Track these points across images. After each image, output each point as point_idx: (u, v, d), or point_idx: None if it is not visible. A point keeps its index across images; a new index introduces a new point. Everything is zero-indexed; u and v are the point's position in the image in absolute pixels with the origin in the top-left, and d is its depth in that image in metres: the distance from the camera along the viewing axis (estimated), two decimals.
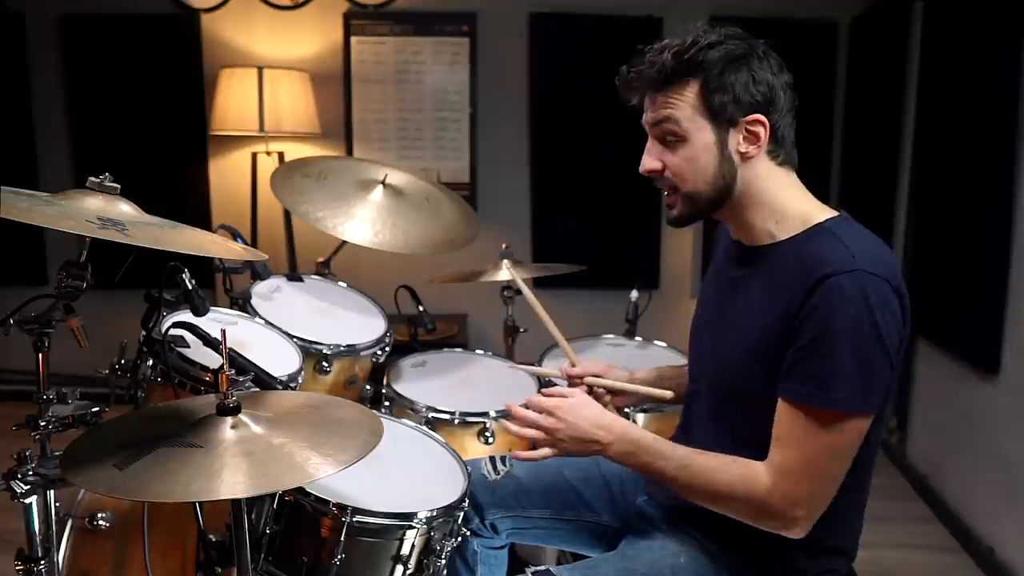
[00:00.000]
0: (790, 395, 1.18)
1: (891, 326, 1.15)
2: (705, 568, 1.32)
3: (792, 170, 1.28)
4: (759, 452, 1.22)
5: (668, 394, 1.44)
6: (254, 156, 3.72)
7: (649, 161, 1.28)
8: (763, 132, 1.22)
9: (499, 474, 1.56)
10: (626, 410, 1.98)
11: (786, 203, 1.27)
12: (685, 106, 1.22)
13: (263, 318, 1.93)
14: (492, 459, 1.60)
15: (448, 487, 1.44)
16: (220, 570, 1.31)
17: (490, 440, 1.93)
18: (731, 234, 1.36)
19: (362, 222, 2.13)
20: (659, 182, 1.29)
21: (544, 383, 2.11)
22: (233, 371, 1.19)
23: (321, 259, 2.37)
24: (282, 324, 1.92)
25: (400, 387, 2.03)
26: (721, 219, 1.34)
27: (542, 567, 1.33)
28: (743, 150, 1.23)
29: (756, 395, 1.24)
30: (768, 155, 1.25)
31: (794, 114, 1.26)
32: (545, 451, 1.31)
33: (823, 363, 1.14)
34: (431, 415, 1.92)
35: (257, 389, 1.45)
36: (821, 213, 1.26)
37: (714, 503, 1.25)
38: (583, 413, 1.30)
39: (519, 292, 2.47)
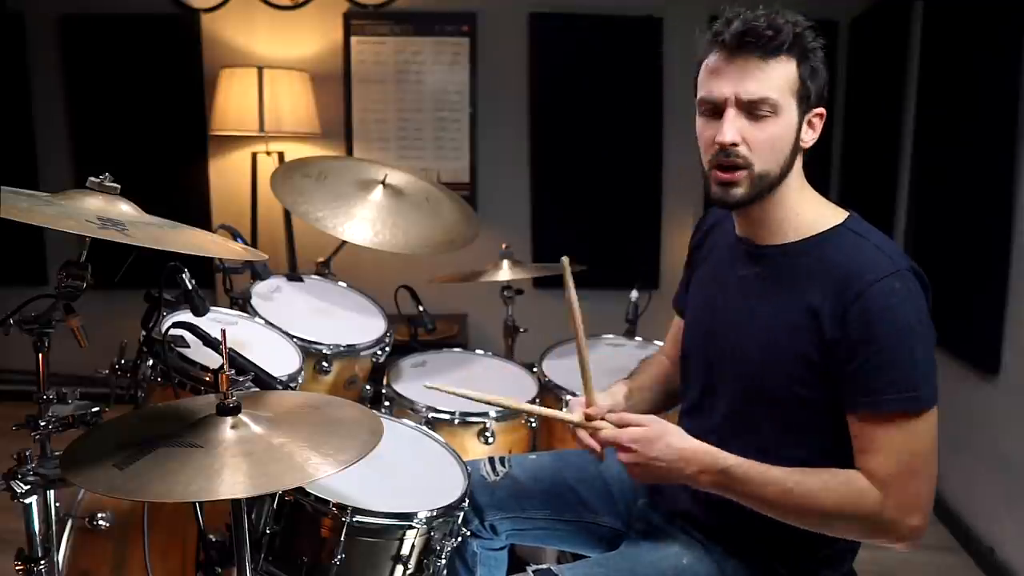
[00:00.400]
0: (874, 408, 1.16)
1: (930, 317, 1.18)
2: (709, 569, 1.31)
3: None
4: (785, 458, 1.21)
5: None
6: (254, 156, 3.71)
7: (732, 133, 1.18)
8: (820, 125, 1.24)
9: (498, 475, 1.56)
10: None
11: (807, 201, 1.28)
12: (785, 81, 1.18)
13: (263, 318, 1.93)
14: (491, 460, 1.59)
15: (448, 487, 1.44)
16: (220, 570, 1.31)
17: (490, 440, 1.93)
18: (737, 230, 1.34)
19: (362, 222, 2.13)
20: (727, 156, 1.20)
21: (546, 387, 2.11)
22: (233, 371, 1.19)
23: (321, 259, 2.37)
24: (282, 324, 1.92)
25: (400, 387, 2.03)
26: (742, 210, 1.28)
27: (543, 566, 1.33)
28: (805, 139, 1.24)
29: (781, 399, 1.23)
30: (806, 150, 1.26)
31: None
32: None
33: (902, 368, 1.14)
34: (431, 415, 1.92)
35: (257, 389, 1.45)
36: (836, 214, 1.27)
37: (822, 526, 1.20)
38: (662, 446, 1.22)
39: (520, 292, 2.49)
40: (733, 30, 1.17)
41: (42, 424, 1.20)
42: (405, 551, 1.34)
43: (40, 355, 1.20)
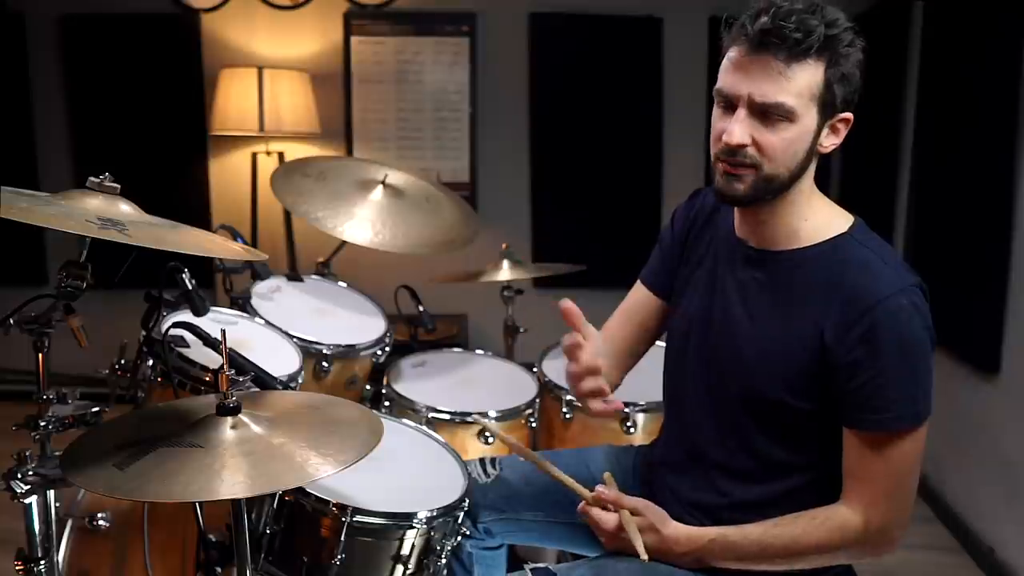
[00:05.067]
0: (876, 427, 1.16)
1: (932, 324, 1.17)
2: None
3: None
4: (772, 462, 1.24)
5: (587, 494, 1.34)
6: (254, 156, 3.72)
7: (740, 134, 1.13)
8: (844, 131, 1.20)
9: (489, 477, 1.53)
10: (625, 410, 1.98)
11: (816, 206, 1.25)
12: (807, 87, 1.12)
13: (263, 318, 1.92)
14: (482, 461, 1.57)
15: (448, 487, 1.44)
16: (220, 570, 1.32)
17: (490, 440, 1.93)
18: (737, 230, 1.30)
19: (362, 222, 2.13)
20: (733, 155, 1.16)
21: (548, 386, 2.11)
22: (233, 371, 1.19)
23: (321, 259, 2.37)
24: (282, 324, 1.92)
25: (400, 387, 2.03)
26: (748, 210, 1.25)
27: (541, 565, 1.32)
28: (825, 144, 1.19)
29: (774, 406, 1.22)
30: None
31: None
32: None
33: (906, 386, 1.14)
34: (431, 415, 1.92)
35: (257, 389, 1.45)
36: (842, 221, 1.24)
37: (816, 563, 1.23)
38: (652, 535, 1.27)
39: (520, 292, 2.49)
40: (758, 26, 1.09)
41: (42, 424, 1.20)
42: (405, 551, 1.34)
43: (40, 355, 1.20)
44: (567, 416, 2.04)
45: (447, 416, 1.92)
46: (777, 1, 1.11)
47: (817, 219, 1.23)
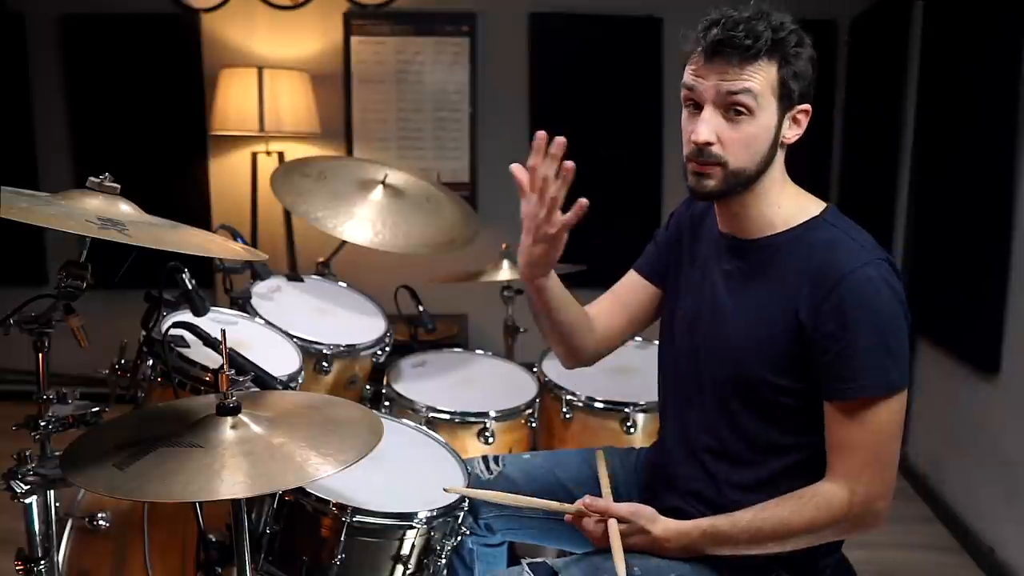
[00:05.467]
0: (847, 395, 1.19)
1: (905, 299, 1.21)
2: (706, 571, 1.31)
3: None
4: (768, 446, 1.27)
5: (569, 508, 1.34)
6: (254, 156, 3.72)
7: (707, 132, 1.21)
8: (805, 121, 1.26)
9: (492, 474, 1.55)
10: (625, 409, 1.98)
11: (787, 194, 1.30)
12: (764, 82, 1.20)
13: (263, 318, 1.93)
14: (485, 459, 1.59)
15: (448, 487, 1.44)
16: (220, 570, 1.32)
17: (490, 440, 1.93)
18: (720, 226, 1.36)
19: (362, 222, 2.14)
20: (700, 154, 1.23)
21: (545, 385, 2.11)
22: (233, 371, 1.19)
23: (321, 259, 2.37)
24: (282, 324, 1.92)
25: (400, 387, 2.03)
26: (723, 204, 1.32)
27: (539, 559, 1.33)
28: (788, 136, 1.26)
29: (763, 388, 1.26)
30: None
31: None
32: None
33: (875, 355, 1.17)
34: (431, 415, 1.92)
35: (257, 389, 1.45)
36: (814, 206, 1.30)
37: (802, 543, 1.25)
38: (640, 537, 1.29)
39: (520, 292, 2.49)
40: (711, 38, 1.20)
41: (42, 424, 1.20)
42: (405, 551, 1.34)
43: (40, 355, 1.20)
44: (567, 416, 2.04)
45: (447, 416, 1.93)
46: (726, 12, 1.21)
47: (790, 206, 1.29)
